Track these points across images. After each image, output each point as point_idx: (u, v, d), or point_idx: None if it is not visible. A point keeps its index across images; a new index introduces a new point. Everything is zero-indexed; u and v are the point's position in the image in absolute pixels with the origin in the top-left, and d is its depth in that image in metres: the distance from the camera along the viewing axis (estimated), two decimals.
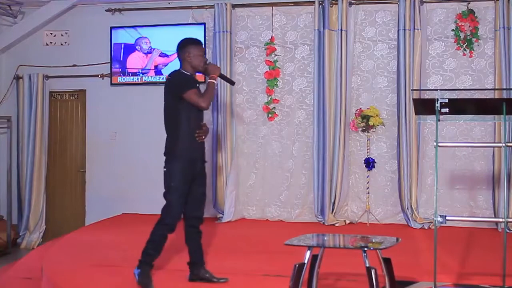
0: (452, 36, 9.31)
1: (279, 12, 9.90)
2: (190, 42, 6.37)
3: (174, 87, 6.15)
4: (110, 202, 10.22)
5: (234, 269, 6.52)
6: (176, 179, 6.16)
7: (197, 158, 6.25)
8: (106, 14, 10.46)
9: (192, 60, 6.21)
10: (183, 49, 6.28)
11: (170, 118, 6.25)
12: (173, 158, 6.17)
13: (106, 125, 10.42)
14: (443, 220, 5.12)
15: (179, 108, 6.13)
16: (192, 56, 6.21)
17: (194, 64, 6.21)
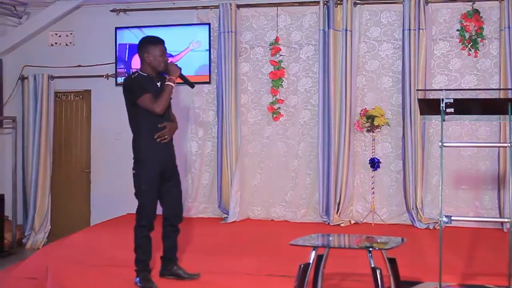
0: (457, 36, 9.30)
1: (284, 12, 9.89)
2: (149, 41, 6.26)
3: (127, 93, 6.10)
4: (115, 202, 10.21)
5: (239, 269, 6.52)
6: (145, 182, 6.08)
7: (165, 160, 6.19)
8: (111, 14, 10.47)
9: (151, 61, 6.14)
10: (142, 49, 6.20)
11: (131, 122, 6.19)
12: (140, 162, 6.10)
13: (111, 125, 10.41)
14: (448, 220, 5.11)
15: (137, 113, 6.08)
16: (152, 56, 6.13)
17: (153, 65, 6.15)
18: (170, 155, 6.27)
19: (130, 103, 6.09)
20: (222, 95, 9.74)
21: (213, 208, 10.04)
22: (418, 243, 7.77)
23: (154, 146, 6.09)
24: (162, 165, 6.14)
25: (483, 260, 6.95)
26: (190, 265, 6.48)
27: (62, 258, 7.26)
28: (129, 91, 6.08)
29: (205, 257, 7.04)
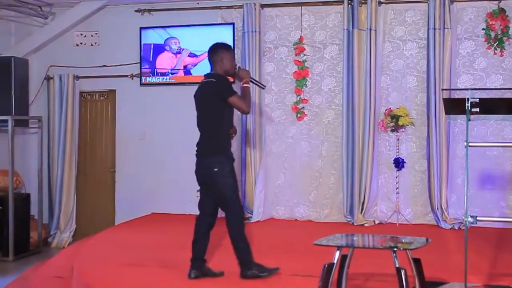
0: (483, 35, 9.24)
1: (308, 11, 9.89)
2: (224, 47, 6.52)
3: (222, 90, 6.24)
4: (140, 202, 10.28)
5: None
6: (231, 177, 6.30)
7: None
8: (135, 14, 10.52)
9: (226, 65, 6.38)
10: (216, 53, 6.43)
11: (212, 119, 6.34)
12: (224, 158, 6.31)
13: (136, 125, 10.48)
14: (474, 220, 5.08)
15: (222, 110, 6.27)
16: (225, 60, 6.37)
17: (227, 69, 6.38)
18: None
19: (219, 100, 6.25)
20: None
21: None
22: (443, 244, 7.74)
23: (229, 143, 6.45)
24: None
25: (509, 261, 6.90)
26: (215, 265, 6.49)
27: (87, 257, 7.31)
28: (224, 87, 6.26)
29: (230, 256, 7.04)
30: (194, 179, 10.15)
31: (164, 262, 6.93)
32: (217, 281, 6.24)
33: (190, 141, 10.18)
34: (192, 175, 10.16)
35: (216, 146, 6.33)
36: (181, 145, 10.23)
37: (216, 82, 6.30)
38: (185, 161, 10.25)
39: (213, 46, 6.56)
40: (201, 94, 6.41)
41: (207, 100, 6.33)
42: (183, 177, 10.22)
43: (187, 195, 10.20)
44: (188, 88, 10.15)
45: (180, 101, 10.20)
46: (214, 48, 6.53)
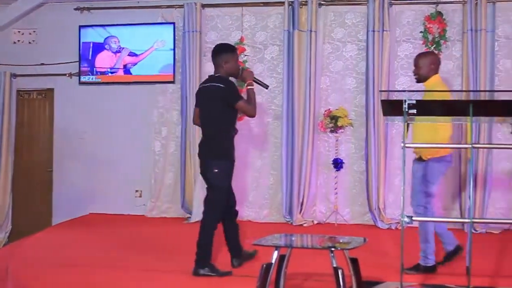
0: (421, 37, 9.36)
1: (249, 12, 9.90)
2: (228, 49, 6.57)
3: (230, 95, 6.32)
4: (78, 202, 10.17)
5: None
6: (228, 180, 6.45)
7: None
8: (74, 12, 10.39)
9: (230, 68, 6.42)
10: (219, 55, 6.45)
11: (217, 123, 6.40)
12: (222, 160, 6.38)
13: (74, 124, 10.36)
14: (410, 220, 5.13)
15: (229, 115, 6.39)
16: (229, 63, 6.40)
17: (231, 71, 6.44)
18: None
19: (227, 105, 6.32)
20: (186, 94, 9.72)
21: (176, 208, 10.01)
22: (380, 243, 7.80)
23: (232, 145, 6.47)
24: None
25: None
26: (150, 264, 6.45)
27: (23, 259, 7.19)
28: (232, 93, 6.34)
29: (166, 256, 7.01)
30: (133, 179, 10.18)
31: (102, 262, 6.86)
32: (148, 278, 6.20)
33: (129, 140, 10.21)
34: (131, 175, 10.19)
35: (220, 149, 6.41)
36: (120, 145, 10.19)
37: (225, 88, 6.33)
38: (124, 161, 10.23)
39: (216, 48, 6.62)
40: (207, 97, 6.42)
41: (214, 104, 6.36)
42: (122, 177, 10.20)
43: (126, 196, 10.16)
44: (128, 87, 10.16)
45: (120, 100, 10.15)
46: (217, 50, 6.57)
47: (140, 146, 10.16)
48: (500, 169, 9.16)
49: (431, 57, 6.61)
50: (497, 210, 9.15)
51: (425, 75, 6.47)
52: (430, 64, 6.46)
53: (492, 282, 5.99)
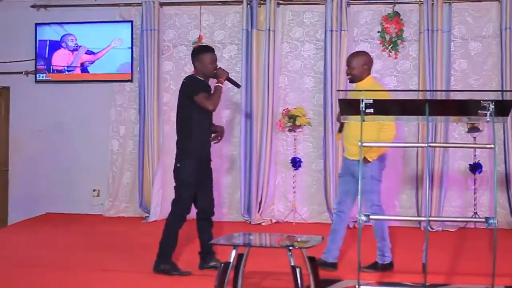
0: (378, 37, 9.45)
1: (207, 11, 9.89)
2: (201, 50, 6.70)
3: (187, 90, 6.50)
4: (34, 202, 10.06)
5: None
6: (189, 176, 6.42)
7: (206, 157, 6.61)
8: (31, 10, 10.27)
9: (203, 68, 6.53)
10: (195, 57, 6.64)
11: (183, 119, 6.53)
12: (187, 156, 6.45)
13: (30, 123, 10.25)
14: (367, 219, 5.15)
15: (191, 110, 6.43)
16: (202, 64, 6.52)
17: (205, 72, 6.53)
18: (209, 151, 6.65)
19: (187, 100, 6.45)
20: (145, 93, 9.68)
21: (134, 208, 9.96)
22: None
23: (202, 143, 6.53)
24: (203, 160, 6.55)
25: (401, 258, 7.04)
26: (108, 264, 6.41)
27: None
28: (190, 87, 6.48)
29: (124, 256, 6.97)
30: (90, 179, 10.11)
31: (59, 263, 6.80)
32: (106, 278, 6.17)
33: (86, 139, 10.13)
34: (89, 174, 10.12)
35: (184, 145, 6.49)
36: (78, 144, 10.11)
37: (186, 82, 6.57)
38: (81, 160, 10.15)
39: (193, 50, 6.88)
40: (179, 95, 6.60)
41: (179, 101, 6.55)
42: (79, 177, 10.11)
43: (83, 195, 10.08)
44: (85, 86, 10.06)
45: (77, 99, 10.07)
46: (193, 52, 6.77)
47: (97, 145, 10.09)
48: (456, 168, 9.28)
49: (364, 57, 6.53)
50: (453, 208, 9.27)
51: (358, 75, 6.44)
52: (363, 65, 6.43)
53: (447, 279, 6.05)
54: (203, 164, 6.55)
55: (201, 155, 6.51)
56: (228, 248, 5.01)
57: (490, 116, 5.18)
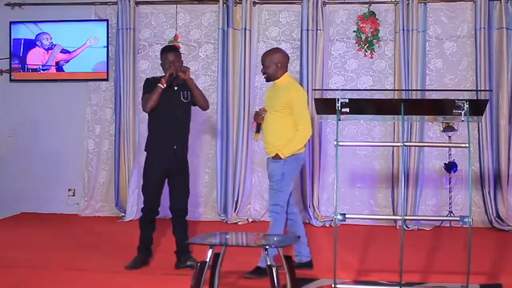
0: (354, 37, 9.47)
1: (183, 10, 9.86)
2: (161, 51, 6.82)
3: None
4: (9, 201, 9.99)
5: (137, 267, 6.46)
6: (146, 172, 6.62)
7: (168, 153, 6.52)
8: (5, 8, 10.19)
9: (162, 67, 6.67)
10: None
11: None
12: (146, 153, 6.66)
13: (5, 122, 10.17)
14: (343, 218, 5.18)
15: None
16: (162, 64, 6.65)
17: (163, 72, 6.60)
18: (175, 150, 6.55)
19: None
20: (120, 92, 9.65)
21: (110, 207, 9.92)
22: (314, 241, 7.84)
23: (157, 140, 6.57)
24: (163, 159, 6.53)
25: (377, 257, 7.11)
26: (83, 264, 6.39)
27: None
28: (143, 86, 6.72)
29: (99, 255, 6.94)
30: (65, 178, 10.07)
31: (34, 263, 6.76)
32: (81, 277, 6.15)
33: (62, 138, 10.07)
34: (64, 174, 10.08)
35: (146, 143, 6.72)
36: (53, 143, 10.06)
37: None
38: (57, 159, 10.10)
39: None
40: None
41: None
42: (54, 176, 10.06)
43: (58, 195, 10.03)
44: (60, 85, 10.02)
45: (52, 97, 10.02)
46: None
47: (73, 144, 10.04)
48: (431, 167, 9.33)
49: (277, 55, 6.38)
50: (429, 207, 9.32)
51: (273, 74, 6.35)
52: (277, 63, 6.31)
53: (423, 278, 6.09)
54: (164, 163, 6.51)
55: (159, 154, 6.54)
56: (204, 247, 5.00)
57: (465, 115, 5.24)
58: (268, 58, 6.34)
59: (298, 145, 6.23)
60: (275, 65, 6.31)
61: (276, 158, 6.18)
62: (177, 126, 6.57)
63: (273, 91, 6.40)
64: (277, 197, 6.21)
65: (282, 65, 6.35)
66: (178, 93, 6.53)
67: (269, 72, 6.34)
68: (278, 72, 6.34)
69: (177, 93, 6.53)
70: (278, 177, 6.19)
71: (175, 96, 6.51)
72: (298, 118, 6.19)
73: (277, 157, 6.16)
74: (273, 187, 6.26)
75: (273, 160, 6.23)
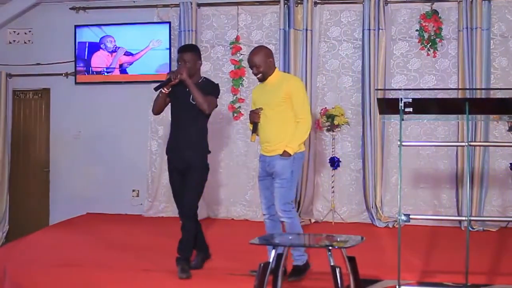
0: (416, 36, 9.38)
1: (245, 11, 9.90)
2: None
3: None
4: (74, 202, 10.16)
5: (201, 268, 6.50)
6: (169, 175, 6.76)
7: (179, 155, 6.50)
8: (70, 12, 10.38)
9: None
10: None
11: None
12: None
13: (71, 124, 10.35)
14: (407, 218, 5.15)
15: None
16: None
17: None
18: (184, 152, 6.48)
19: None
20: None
21: (174, 208, 9.90)
22: (377, 242, 7.82)
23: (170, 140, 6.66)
24: (176, 161, 6.56)
25: (441, 258, 7.02)
26: (147, 264, 6.46)
27: (20, 259, 7.18)
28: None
29: (162, 256, 7.01)
30: (130, 179, 10.20)
31: (99, 262, 6.86)
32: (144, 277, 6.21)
33: (126, 140, 10.21)
34: (128, 175, 10.20)
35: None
36: (117, 145, 10.19)
37: None
38: (121, 160, 10.23)
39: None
40: None
41: None
42: (119, 177, 10.19)
43: (123, 195, 10.16)
44: (124, 87, 10.14)
45: (115, 99, 10.15)
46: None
47: (136, 145, 10.15)
48: (497, 167, 9.18)
49: (264, 51, 6.25)
50: (494, 208, 9.17)
51: (267, 71, 6.21)
52: (268, 59, 6.20)
53: (489, 279, 5.99)
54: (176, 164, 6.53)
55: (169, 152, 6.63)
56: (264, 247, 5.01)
57: None
58: (258, 58, 6.19)
59: (303, 138, 6.13)
60: (267, 62, 6.20)
61: (284, 155, 6.05)
62: (187, 128, 6.47)
63: (265, 89, 6.26)
64: (288, 195, 6.14)
65: (273, 59, 6.28)
66: (188, 95, 6.39)
67: (264, 70, 6.20)
68: (271, 68, 6.24)
69: (188, 94, 6.39)
70: (287, 175, 6.08)
71: (185, 98, 6.41)
72: (298, 109, 6.09)
73: (286, 154, 6.04)
74: (283, 185, 6.10)
75: (282, 157, 6.07)
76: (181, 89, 6.42)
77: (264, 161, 6.26)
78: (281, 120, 6.11)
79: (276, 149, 6.12)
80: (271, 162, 6.16)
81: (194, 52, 6.62)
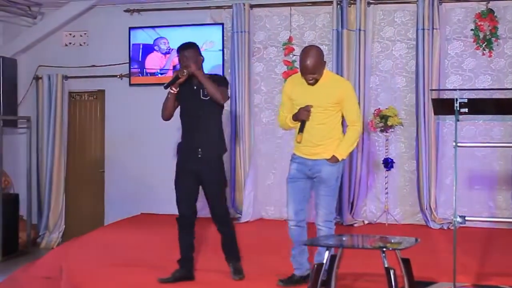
0: (471, 35, 9.27)
1: (297, 12, 9.90)
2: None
3: None
4: (129, 202, 10.27)
5: (251, 269, 6.50)
6: (176, 176, 6.51)
7: (193, 155, 6.33)
8: (124, 14, 10.50)
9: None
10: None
11: None
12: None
13: (125, 125, 10.46)
14: (463, 220, 5.10)
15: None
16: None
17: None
18: (200, 152, 6.33)
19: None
20: (236, 95, 9.75)
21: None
22: (432, 244, 7.76)
23: (182, 144, 6.50)
24: (190, 162, 6.36)
25: (497, 260, 6.93)
26: (200, 264, 6.50)
27: (76, 258, 7.29)
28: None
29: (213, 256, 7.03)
30: None
31: (153, 263, 6.92)
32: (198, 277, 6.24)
33: (176, 141, 10.23)
34: None
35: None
36: (170, 146, 10.21)
37: None
38: (174, 162, 10.28)
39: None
40: None
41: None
42: (171, 177, 10.22)
43: (174, 195, 10.18)
44: None
45: None
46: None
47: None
48: None
49: (317, 51, 5.79)
50: None
51: (321, 72, 5.81)
52: (322, 59, 5.80)
53: None
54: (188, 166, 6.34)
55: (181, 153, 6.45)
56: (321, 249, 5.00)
57: None
58: (315, 61, 5.71)
59: (353, 144, 5.91)
60: (323, 63, 5.82)
61: (332, 160, 5.78)
62: (201, 126, 6.31)
63: (311, 88, 5.85)
64: (333, 204, 5.90)
65: (324, 62, 5.87)
66: (198, 92, 6.25)
67: (319, 77, 5.80)
68: (323, 68, 5.85)
69: (197, 92, 6.25)
70: (333, 182, 5.83)
71: (195, 96, 6.28)
72: (352, 114, 5.82)
73: (334, 159, 5.78)
74: (328, 194, 5.82)
75: (329, 163, 5.80)
76: (190, 88, 6.28)
77: (304, 163, 5.95)
78: (329, 124, 5.83)
79: (320, 153, 5.85)
80: (315, 167, 5.86)
81: (194, 48, 6.47)
